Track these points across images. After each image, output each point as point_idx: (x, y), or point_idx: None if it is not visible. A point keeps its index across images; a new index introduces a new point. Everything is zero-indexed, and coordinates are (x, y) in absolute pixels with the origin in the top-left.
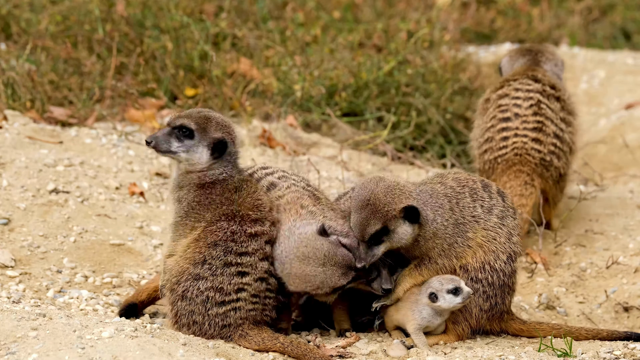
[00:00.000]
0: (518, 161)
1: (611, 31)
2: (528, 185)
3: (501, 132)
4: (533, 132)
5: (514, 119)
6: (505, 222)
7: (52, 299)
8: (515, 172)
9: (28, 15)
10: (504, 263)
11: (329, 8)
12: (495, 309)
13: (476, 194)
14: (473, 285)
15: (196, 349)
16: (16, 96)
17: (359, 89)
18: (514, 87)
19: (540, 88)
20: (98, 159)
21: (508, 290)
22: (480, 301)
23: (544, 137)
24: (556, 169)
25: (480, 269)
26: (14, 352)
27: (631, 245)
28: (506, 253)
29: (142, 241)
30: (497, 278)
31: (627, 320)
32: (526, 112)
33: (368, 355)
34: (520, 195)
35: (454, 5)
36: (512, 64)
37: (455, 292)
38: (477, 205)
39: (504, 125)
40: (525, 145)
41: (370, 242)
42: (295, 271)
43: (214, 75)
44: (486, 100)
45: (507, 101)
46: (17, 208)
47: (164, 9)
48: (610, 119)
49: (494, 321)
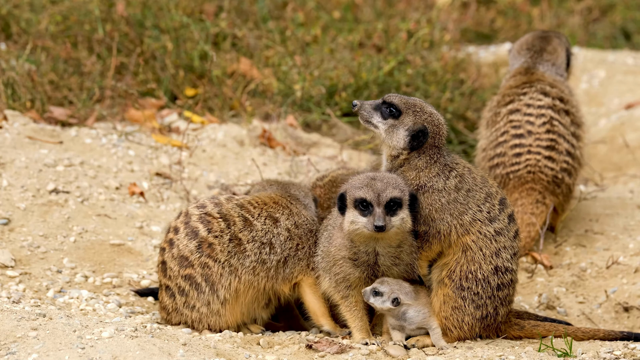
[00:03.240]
0: (531, 179)
1: (611, 31)
2: (539, 203)
3: (514, 148)
4: (547, 150)
5: (527, 135)
6: (498, 239)
7: (52, 299)
8: (528, 190)
9: (28, 15)
10: (490, 273)
11: (329, 8)
12: (489, 319)
13: (490, 199)
14: (460, 293)
15: (196, 349)
16: (16, 96)
17: (359, 89)
18: (525, 103)
19: (551, 103)
20: (98, 159)
21: (500, 302)
22: (472, 309)
23: (557, 155)
24: (567, 186)
25: (464, 277)
26: (14, 352)
27: (631, 245)
28: (491, 265)
29: (142, 241)
30: (482, 289)
31: (627, 320)
32: (539, 129)
33: (368, 355)
34: (532, 213)
35: (454, 5)
36: (518, 58)
37: (375, 293)
38: (484, 209)
39: (517, 142)
40: (539, 163)
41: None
42: None
43: (214, 75)
44: (496, 114)
45: (519, 117)
46: (17, 208)
47: (164, 9)
48: (610, 119)
49: (490, 331)
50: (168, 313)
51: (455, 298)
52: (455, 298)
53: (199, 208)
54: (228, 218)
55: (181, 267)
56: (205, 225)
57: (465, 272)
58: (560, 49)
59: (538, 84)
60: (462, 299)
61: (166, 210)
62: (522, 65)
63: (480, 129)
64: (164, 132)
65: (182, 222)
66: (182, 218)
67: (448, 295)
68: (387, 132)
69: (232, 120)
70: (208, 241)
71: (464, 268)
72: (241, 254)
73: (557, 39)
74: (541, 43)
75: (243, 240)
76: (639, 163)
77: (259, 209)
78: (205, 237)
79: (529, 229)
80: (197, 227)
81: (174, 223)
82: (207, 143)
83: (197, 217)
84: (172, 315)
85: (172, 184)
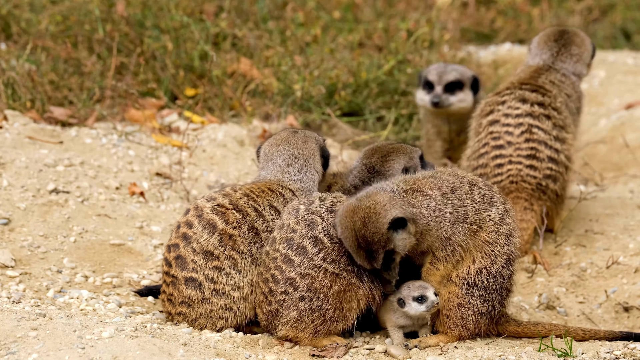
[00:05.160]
0: (515, 188)
1: (611, 31)
2: (527, 210)
3: (495, 159)
4: (527, 159)
5: (507, 146)
6: (506, 222)
7: (52, 299)
8: (514, 198)
9: (28, 15)
10: (502, 267)
11: (329, 8)
12: (494, 313)
13: (475, 188)
14: (469, 290)
15: (196, 349)
16: (16, 96)
17: (359, 88)
18: (503, 113)
19: (529, 110)
20: (98, 159)
21: (506, 293)
22: (478, 304)
23: (538, 163)
24: (553, 191)
25: (477, 274)
26: (14, 352)
27: (631, 245)
28: (504, 256)
29: (142, 241)
30: (494, 282)
31: (627, 320)
32: (518, 139)
33: (368, 355)
34: (521, 219)
35: (454, 5)
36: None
37: (420, 299)
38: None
39: (497, 153)
40: (521, 172)
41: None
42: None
43: (214, 75)
44: (478, 125)
45: (498, 128)
46: (17, 208)
47: (164, 9)
48: (610, 119)
49: (493, 326)
50: (189, 305)
51: (462, 295)
52: (462, 295)
53: (209, 200)
54: (240, 209)
55: (207, 260)
56: (220, 217)
57: (479, 268)
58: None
59: (518, 90)
60: (470, 295)
61: (166, 210)
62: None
63: (469, 135)
64: (164, 132)
65: (194, 215)
66: (193, 212)
67: (454, 293)
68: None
69: (232, 120)
70: (228, 233)
71: (477, 264)
72: (259, 243)
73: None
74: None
75: (259, 230)
76: (639, 163)
77: (261, 198)
78: (224, 229)
79: (522, 233)
80: (212, 219)
81: (184, 219)
82: (207, 143)
83: (209, 209)
84: (196, 307)
85: (172, 184)
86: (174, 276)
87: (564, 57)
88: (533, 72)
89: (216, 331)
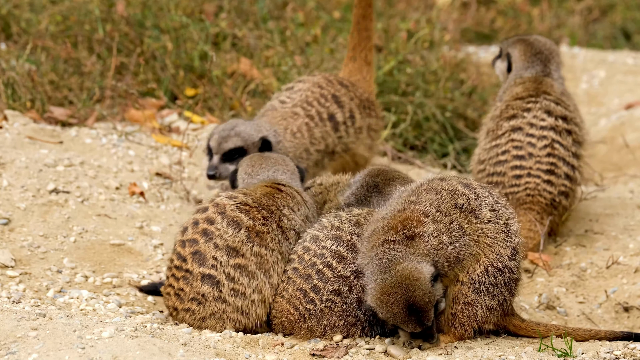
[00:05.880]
0: (530, 200)
1: (611, 31)
2: (537, 221)
3: (514, 169)
4: (546, 174)
5: (528, 158)
6: (500, 215)
7: (52, 299)
8: (525, 209)
9: (28, 15)
10: (509, 259)
11: (329, 8)
12: (505, 305)
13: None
14: (476, 288)
15: (196, 349)
16: (16, 96)
17: None
18: (528, 122)
19: (553, 123)
20: (98, 159)
21: (515, 283)
22: (486, 300)
23: (556, 179)
24: (563, 207)
25: (484, 273)
26: (14, 352)
27: (631, 245)
28: (509, 249)
29: (142, 241)
30: (502, 276)
31: (627, 320)
32: (540, 152)
33: (368, 355)
34: (529, 229)
35: (454, 5)
36: (525, 67)
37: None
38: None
39: (517, 163)
40: (538, 187)
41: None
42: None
43: (214, 75)
44: (498, 126)
45: (521, 137)
46: (17, 208)
47: (164, 9)
48: (610, 119)
49: (502, 318)
50: (200, 303)
51: (469, 294)
52: (469, 294)
53: (230, 198)
54: (264, 207)
55: (230, 257)
56: (246, 215)
57: (485, 267)
58: (559, 57)
59: (544, 100)
60: (477, 293)
61: (166, 210)
62: (532, 74)
63: (480, 134)
64: (164, 132)
65: (216, 212)
66: (214, 209)
67: (461, 292)
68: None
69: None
70: (256, 230)
71: (484, 263)
72: (285, 241)
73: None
74: (545, 58)
75: (285, 229)
76: (639, 163)
77: (279, 199)
78: (252, 225)
79: (527, 241)
80: (238, 217)
81: (203, 215)
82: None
83: (233, 206)
84: (208, 305)
85: (172, 184)
86: (189, 271)
87: (556, 66)
88: (538, 82)
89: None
